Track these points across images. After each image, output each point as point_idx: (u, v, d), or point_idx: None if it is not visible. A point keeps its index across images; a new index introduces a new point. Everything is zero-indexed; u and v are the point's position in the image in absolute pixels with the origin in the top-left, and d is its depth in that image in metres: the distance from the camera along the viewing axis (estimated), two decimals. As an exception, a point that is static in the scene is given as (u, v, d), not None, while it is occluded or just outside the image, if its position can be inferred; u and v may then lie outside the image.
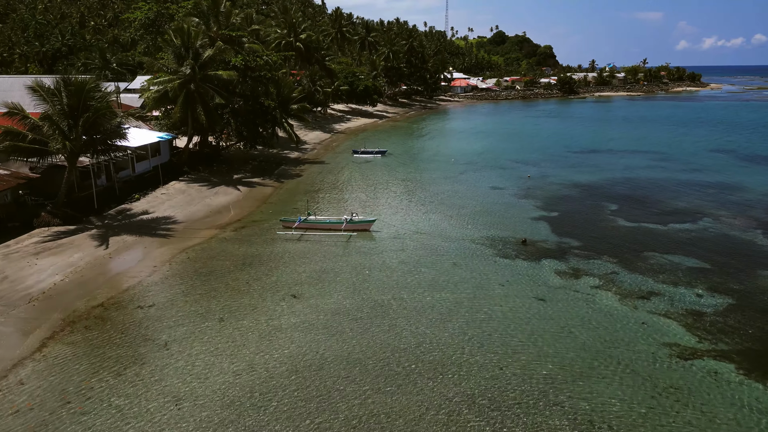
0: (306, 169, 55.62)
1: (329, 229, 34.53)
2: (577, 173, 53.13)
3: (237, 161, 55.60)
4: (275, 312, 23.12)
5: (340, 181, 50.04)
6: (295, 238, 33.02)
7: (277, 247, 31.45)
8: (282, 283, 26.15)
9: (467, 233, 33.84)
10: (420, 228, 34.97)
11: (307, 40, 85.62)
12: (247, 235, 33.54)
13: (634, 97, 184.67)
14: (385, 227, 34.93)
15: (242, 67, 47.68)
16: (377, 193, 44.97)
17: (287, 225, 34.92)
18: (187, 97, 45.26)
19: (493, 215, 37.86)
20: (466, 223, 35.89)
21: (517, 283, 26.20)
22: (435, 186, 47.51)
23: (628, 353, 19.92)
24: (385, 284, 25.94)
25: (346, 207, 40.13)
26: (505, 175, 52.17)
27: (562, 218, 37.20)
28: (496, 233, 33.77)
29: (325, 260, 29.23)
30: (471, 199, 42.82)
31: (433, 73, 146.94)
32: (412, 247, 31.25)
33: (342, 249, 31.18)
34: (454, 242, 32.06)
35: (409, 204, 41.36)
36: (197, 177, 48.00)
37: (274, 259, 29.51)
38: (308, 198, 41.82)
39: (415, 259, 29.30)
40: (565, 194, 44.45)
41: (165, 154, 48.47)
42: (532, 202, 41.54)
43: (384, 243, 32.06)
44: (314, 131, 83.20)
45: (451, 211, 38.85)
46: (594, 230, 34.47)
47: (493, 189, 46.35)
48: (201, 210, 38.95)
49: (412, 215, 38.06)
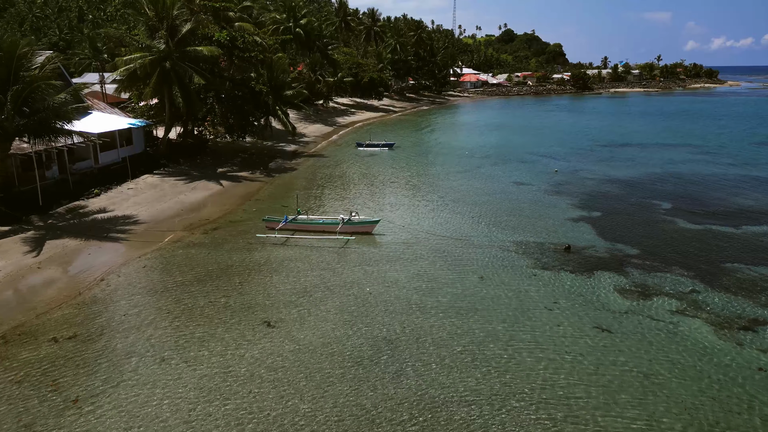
0: (302, 163, 49.16)
1: (322, 232, 28.08)
2: (612, 168, 46.36)
3: (225, 154, 49.18)
4: (239, 348, 16.63)
5: (340, 175, 43.55)
6: (280, 243, 26.55)
7: (254, 254, 24.96)
8: (254, 305, 19.66)
9: (493, 237, 27.25)
10: (434, 231, 28.42)
11: (307, 26, 79.12)
12: (221, 239, 27.10)
13: (651, 93, 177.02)
14: (391, 229, 28.42)
15: (227, 43, 41.19)
16: (382, 189, 38.43)
17: (271, 226, 28.50)
18: (161, 77, 38.89)
19: (522, 215, 31.24)
20: (491, 225, 29.30)
21: (568, 306, 19.58)
22: (449, 181, 40.92)
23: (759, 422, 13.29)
24: (390, 308, 19.38)
25: (344, 205, 33.65)
26: (528, 170, 45.50)
27: (608, 219, 30.52)
28: (529, 238, 27.16)
29: (313, 273, 22.71)
30: (493, 195, 36.19)
31: (442, 68, 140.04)
32: (426, 255, 24.70)
33: (336, 257, 24.66)
34: (477, 249, 25.48)
35: (420, 201, 34.79)
36: (175, 170, 41.61)
37: (248, 270, 23.01)
38: (299, 194, 35.35)
39: (430, 271, 22.74)
40: (603, 191, 37.73)
41: (139, 143, 42.10)
42: (567, 200, 34.86)
43: (390, 250, 25.52)
44: (315, 124, 76.77)
45: (470, 211, 32.26)
46: (652, 234, 27.77)
47: (517, 185, 39.68)
48: (171, 208, 32.55)
49: (423, 215, 31.51)
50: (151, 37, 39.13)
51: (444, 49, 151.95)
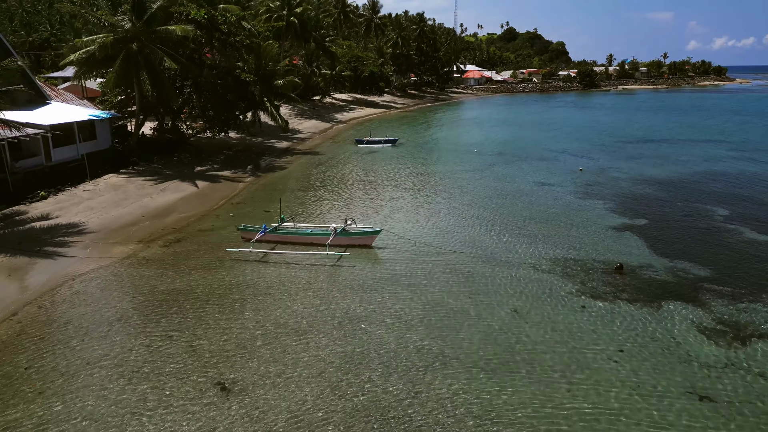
0: (293, 161, 43.79)
1: (310, 244, 22.74)
2: (643, 165, 40.94)
3: (208, 151, 43.80)
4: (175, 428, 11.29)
5: (335, 175, 38.17)
6: (256, 259, 21.18)
7: (221, 276, 19.58)
8: (207, 354, 14.30)
9: (522, 253, 21.88)
10: (447, 244, 23.04)
11: (303, 15, 73.62)
12: (183, 253, 21.74)
13: (660, 90, 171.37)
14: (394, 242, 23.05)
15: (205, 23, 35.73)
16: (383, 191, 33.05)
17: (248, 237, 23.16)
18: (127, 61, 33.50)
19: (553, 224, 25.84)
20: (517, 237, 23.92)
21: (641, 357, 14.19)
22: (460, 181, 35.53)
23: None
24: (393, 361, 14.03)
25: (338, 210, 28.30)
26: (548, 168, 40.09)
27: (658, 229, 25.12)
28: (567, 253, 21.79)
29: (292, 304, 17.34)
30: (513, 199, 30.82)
31: (445, 63, 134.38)
32: (438, 276, 19.33)
33: (325, 280, 19.29)
34: (504, 269, 20.10)
35: (428, 206, 29.40)
36: (146, 169, 36.25)
37: (207, 300, 17.63)
38: (284, 197, 30.04)
39: (446, 301, 17.37)
40: (641, 193, 32.32)
41: (104, 138, 36.70)
42: (602, 204, 29.46)
43: (393, 269, 20.15)
44: (311, 120, 71.41)
45: (489, 218, 26.88)
46: (719, 248, 22.36)
47: (539, 185, 34.29)
48: (131, 213, 27.18)
49: (433, 223, 26.12)
50: (115, 13, 33.73)
51: (447, 44, 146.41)
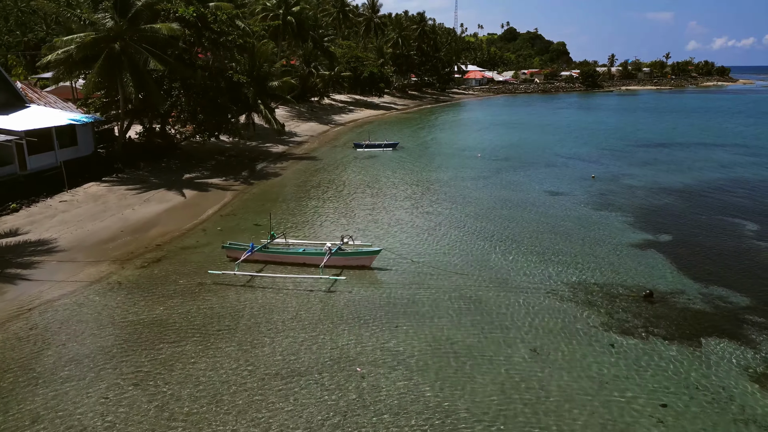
0: (289, 167, 41.60)
1: (303, 264, 20.59)
2: (658, 172, 38.75)
3: (199, 156, 41.62)
4: None
5: (332, 182, 35.99)
6: (241, 283, 18.98)
7: (198, 305, 17.37)
8: (175, 409, 12.11)
9: (537, 276, 19.68)
10: (453, 264, 20.84)
11: (300, 15, 71.37)
12: (161, 276, 19.56)
13: (663, 90, 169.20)
14: (395, 262, 20.86)
15: (194, 21, 33.53)
16: (383, 202, 30.87)
17: (234, 255, 20.99)
18: (109, 62, 31.33)
19: (569, 240, 23.65)
20: (530, 255, 21.72)
21: (688, 413, 12.00)
22: (466, 190, 33.35)
23: None
24: (396, 414, 11.82)
25: (334, 223, 26.11)
26: (558, 175, 37.92)
27: (685, 246, 22.92)
28: (588, 276, 19.60)
29: (277, 340, 15.12)
30: (523, 210, 28.61)
31: (446, 64, 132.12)
32: (446, 306, 17.12)
33: (318, 309, 17.08)
34: (518, 295, 17.90)
35: (433, 219, 27.19)
36: (131, 176, 34.07)
37: (179, 336, 15.41)
38: (276, 209, 27.90)
39: (455, 337, 15.17)
40: (660, 204, 30.14)
41: (86, 144, 34.55)
42: (620, 217, 27.26)
43: (394, 296, 17.96)
44: (308, 122, 69.26)
45: (498, 232, 24.69)
46: (756, 270, 20.15)
47: (550, 195, 32.11)
48: (109, 227, 24.99)
49: (438, 239, 23.91)
50: (96, 11, 31.57)
51: (448, 44, 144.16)
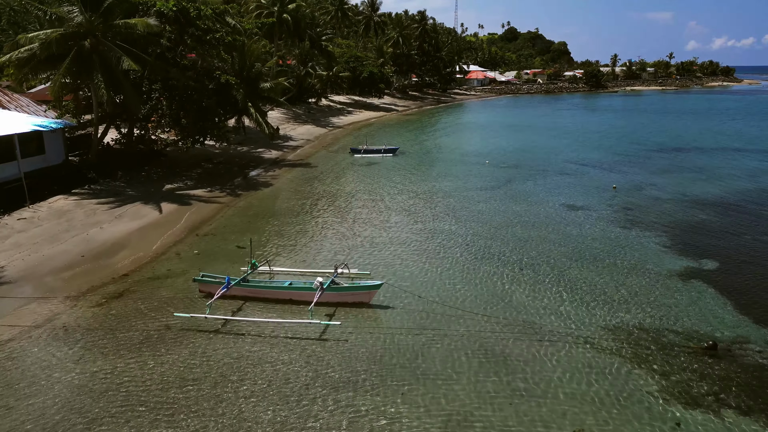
0: (281, 176, 38.32)
1: (289, 301, 17.32)
2: (684, 182, 35.48)
3: (184, 164, 38.32)
4: None
5: (326, 194, 32.72)
6: (212, 329, 15.68)
7: (155, 363, 14.03)
8: None
9: (568, 317, 16.38)
10: (467, 300, 17.54)
11: (296, 12, 68.07)
12: (116, 319, 16.25)
13: (668, 91, 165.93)
14: (399, 298, 17.56)
15: (172, 15, 30.23)
16: (383, 219, 27.55)
17: (208, 290, 17.72)
18: (78, 61, 28.05)
19: (599, 269, 20.35)
20: (557, 290, 18.40)
21: None
22: (475, 203, 30.08)
23: None
24: None
25: (326, 248, 22.79)
26: (574, 185, 34.66)
27: (736, 276, 19.63)
28: (629, 318, 16.30)
29: (246, 425, 11.83)
30: (542, 230, 25.30)
31: (447, 64, 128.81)
32: (464, 364, 13.81)
33: (304, 370, 13.75)
34: (549, 347, 14.61)
35: (439, 242, 23.86)
36: (106, 188, 30.80)
37: (123, 412, 12.10)
38: (262, 226, 24.59)
39: (481, 415, 11.87)
40: (695, 221, 26.86)
41: (56, 152, 31.26)
42: (654, 238, 23.96)
43: (399, 347, 14.65)
44: (305, 125, 66.06)
45: (517, 257, 21.38)
46: (831, 311, 16.91)
47: (569, 210, 28.83)
48: (69, 252, 21.69)
49: (448, 268, 20.59)
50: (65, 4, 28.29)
51: (449, 43, 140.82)
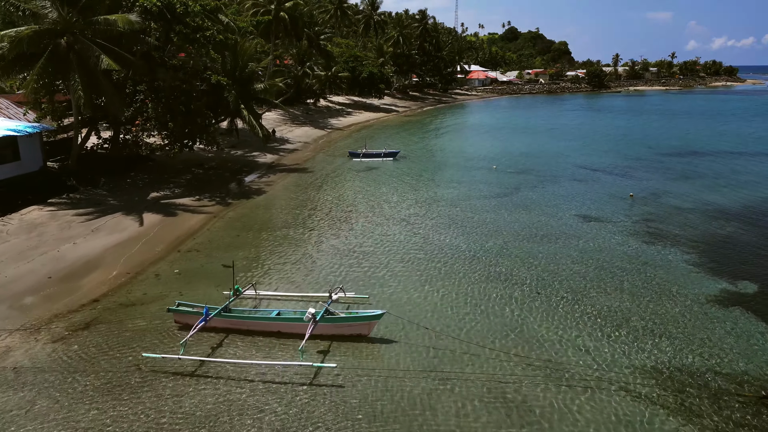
0: (275, 182, 36.16)
1: (277, 334, 15.17)
2: (705, 190, 33.35)
3: (174, 169, 36.16)
4: None
5: (321, 203, 30.57)
6: (186, 373, 13.51)
7: (115, 414, 11.90)
8: None
9: (599, 356, 14.21)
10: (480, 333, 15.39)
11: (294, 11, 65.86)
12: (78, 357, 14.11)
13: (672, 91, 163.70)
14: (403, 331, 15.39)
15: (156, 10, 28.05)
16: (383, 233, 25.38)
17: (183, 321, 15.58)
18: (54, 60, 25.90)
19: (626, 294, 18.17)
20: (582, 321, 16.22)
21: None
22: (482, 214, 27.92)
23: None
24: None
25: (318, 267, 20.60)
26: (588, 193, 32.52)
27: (782, 302, 17.52)
28: (669, 358, 14.16)
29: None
30: (557, 245, 23.11)
31: (448, 63, 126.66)
32: (482, 418, 11.67)
33: (289, 419, 11.61)
34: (580, 396, 12.47)
35: (446, 260, 21.67)
36: (86, 197, 28.65)
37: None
38: (251, 240, 22.41)
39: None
40: (724, 234, 24.69)
41: (32, 158, 29.12)
42: (682, 256, 21.78)
43: (405, 395, 12.49)
44: (302, 127, 63.94)
45: (533, 280, 19.22)
46: None
47: (585, 221, 26.66)
48: (35, 272, 19.52)
49: (456, 293, 18.41)
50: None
51: (450, 43, 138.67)
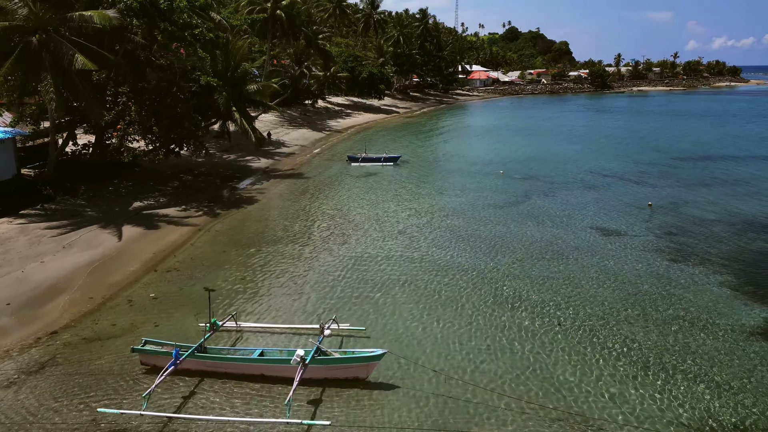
0: (268, 189, 34.05)
1: (260, 377, 13.03)
2: (726, 197, 31.24)
3: (161, 175, 34.02)
4: None
5: (317, 215, 28.43)
6: (151, 431, 11.37)
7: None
8: None
9: (637, 408, 12.10)
10: (497, 377, 13.26)
11: (291, 9, 63.72)
12: (24, 407, 11.98)
13: (676, 91, 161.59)
14: (406, 372, 13.26)
15: (137, 6, 25.90)
16: (383, 251, 23.22)
17: (151, 363, 13.42)
18: (25, 59, 23.78)
19: (655, 326, 16.04)
20: (611, 363, 14.10)
21: None
22: (490, 225, 25.79)
23: None
24: None
25: (307, 292, 18.46)
26: (602, 202, 30.40)
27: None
28: (716, 409, 12.05)
29: None
30: (575, 264, 20.97)
31: (450, 63, 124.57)
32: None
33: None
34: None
35: (455, 284, 19.53)
36: (63, 207, 26.52)
37: None
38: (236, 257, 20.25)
39: None
40: (755, 249, 22.56)
41: (5, 165, 26.98)
42: (712, 276, 19.64)
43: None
44: (300, 129, 61.82)
45: (551, 308, 17.08)
46: None
47: (602, 235, 24.53)
48: (-7, 297, 17.41)
49: (467, 326, 16.26)
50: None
51: (451, 43, 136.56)
